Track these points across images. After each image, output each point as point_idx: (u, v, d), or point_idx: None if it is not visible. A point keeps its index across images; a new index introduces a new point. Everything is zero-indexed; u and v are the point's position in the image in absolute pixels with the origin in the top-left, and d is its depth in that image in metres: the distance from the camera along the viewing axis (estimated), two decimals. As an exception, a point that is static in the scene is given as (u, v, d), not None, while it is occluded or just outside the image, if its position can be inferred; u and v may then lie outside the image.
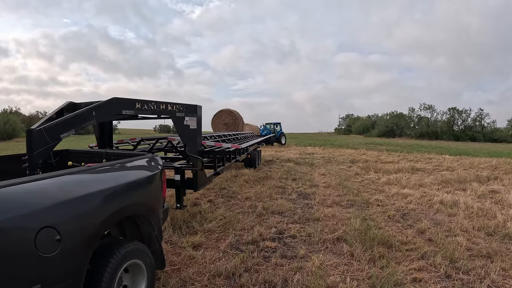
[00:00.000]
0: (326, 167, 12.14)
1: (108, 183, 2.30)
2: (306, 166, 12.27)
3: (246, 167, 10.51)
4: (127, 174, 2.64)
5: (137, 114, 3.78)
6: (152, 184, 2.83)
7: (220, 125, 14.93)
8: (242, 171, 9.91)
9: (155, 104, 3.83)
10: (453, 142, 51.54)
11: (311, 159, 14.69)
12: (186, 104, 4.24)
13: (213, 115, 15.06)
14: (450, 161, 16.43)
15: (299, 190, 7.66)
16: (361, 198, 7.07)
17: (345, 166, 12.93)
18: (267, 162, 13.31)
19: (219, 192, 7.12)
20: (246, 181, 8.43)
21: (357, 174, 10.81)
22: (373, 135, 63.10)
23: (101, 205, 2.12)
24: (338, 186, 8.32)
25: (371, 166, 12.58)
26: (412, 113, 66.29)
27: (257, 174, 9.60)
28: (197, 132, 4.37)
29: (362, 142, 37.42)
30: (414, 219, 5.65)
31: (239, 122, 14.88)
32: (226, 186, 7.77)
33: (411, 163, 14.69)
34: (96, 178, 2.33)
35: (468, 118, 63.22)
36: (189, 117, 4.21)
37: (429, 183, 9.42)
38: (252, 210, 5.69)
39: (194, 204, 6.07)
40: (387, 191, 8.06)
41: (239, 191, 7.25)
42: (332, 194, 7.42)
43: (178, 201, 4.57)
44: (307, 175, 9.93)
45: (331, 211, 5.90)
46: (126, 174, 2.62)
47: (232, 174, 9.37)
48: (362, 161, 14.85)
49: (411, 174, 11.26)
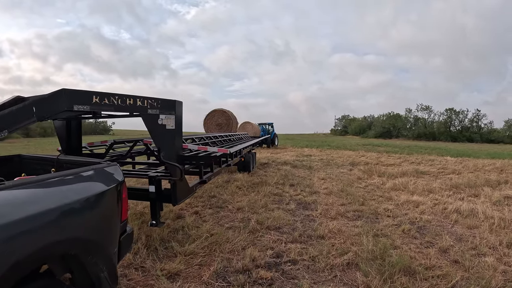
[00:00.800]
0: (325, 171, 11.36)
1: (21, 211, 1.48)
2: (304, 170, 11.47)
3: (240, 171, 9.69)
4: (59, 193, 1.81)
5: (95, 111, 2.94)
6: (98, 208, 2.01)
7: (212, 125, 14.09)
8: (235, 175, 9.09)
9: (119, 99, 3.00)
10: (451, 143, 51.17)
11: (309, 162, 13.91)
12: (162, 99, 3.42)
13: (205, 115, 14.23)
14: (453, 163, 15.82)
15: (298, 198, 6.85)
16: (368, 208, 6.29)
17: (346, 169, 12.16)
18: (263, 165, 12.50)
19: (208, 201, 6.29)
20: (239, 188, 7.60)
21: (360, 178, 10.03)
22: (370, 136, 62.56)
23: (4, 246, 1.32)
24: (341, 193, 7.52)
25: (373, 170, 11.83)
26: (409, 114, 65.88)
27: (251, 179, 8.78)
28: (175, 134, 3.55)
29: (360, 143, 36.76)
30: (432, 234, 4.89)
31: (232, 123, 14.05)
32: (217, 193, 6.94)
33: (414, 166, 14.02)
34: (7, 202, 1.50)
35: (465, 119, 62.97)
36: (165, 115, 3.39)
37: (438, 189, 8.71)
38: (244, 225, 4.86)
39: (178, 216, 5.24)
40: (395, 198, 7.29)
41: (230, 200, 6.42)
42: (335, 202, 6.62)
43: (154, 217, 3.74)
44: (306, 180, 9.13)
45: (336, 225, 5.10)
46: (57, 194, 1.79)
47: (224, 179, 8.54)
48: (362, 164, 14.12)
49: (417, 178, 10.53)
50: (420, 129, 61.24)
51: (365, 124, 72.02)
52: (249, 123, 21.90)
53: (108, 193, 2.12)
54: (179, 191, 3.72)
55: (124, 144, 5.55)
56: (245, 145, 7.26)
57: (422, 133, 59.73)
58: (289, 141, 35.43)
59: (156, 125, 3.32)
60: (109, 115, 3.29)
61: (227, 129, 14.05)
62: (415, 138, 57.75)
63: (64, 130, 4.52)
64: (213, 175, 5.22)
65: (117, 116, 3.33)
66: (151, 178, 3.64)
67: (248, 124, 21.80)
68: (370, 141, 47.08)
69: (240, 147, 6.29)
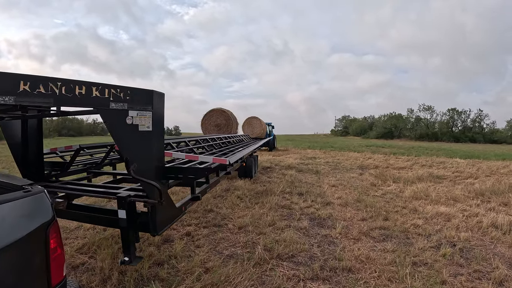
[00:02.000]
0: (334, 176, 10.32)
1: None
2: (311, 175, 10.43)
3: (241, 178, 8.65)
4: None
5: (26, 105, 1.90)
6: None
7: (210, 126, 13.01)
8: (236, 183, 8.05)
9: (63, 86, 1.97)
10: (454, 143, 50.31)
11: (314, 165, 12.87)
12: (133, 88, 2.38)
13: (203, 115, 13.16)
14: (465, 165, 14.90)
15: (310, 212, 5.81)
16: (394, 224, 5.28)
17: (356, 173, 11.13)
18: (265, 169, 11.46)
19: (203, 217, 5.24)
20: (241, 198, 6.56)
21: (374, 184, 9.01)
22: (371, 137, 61.57)
23: None
24: (358, 204, 6.50)
25: (386, 174, 10.83)
26: (411, 114, 64.90)
27: (254, 187, 7.74)
28: (153, 138, 2.51)
29: (362, 144, 35.73)
30: (478, 259, 3.98)
31: (232, 123, 12.97)
32: (214, 206, 5.90)
33: (426, 169, 13.05)
34: None
35: (468, 119, 62.05)
36: (136, 111, 2.36)
37: (462, 197, 7.76)
38: (248, 253, 3.82)
39: (164, 239, 4.19)
40: (420, 210, 6.29)
41: (230, 215, 5.38)
42: (354, 217, 5.59)
43: (126, 251, 2.71)
44: (315, 188, 8.10)
45: (362, 249, 4.07)
46: None
47: (223, 188, 7.49)
48: (372, 167, 13.11)
49: (435, 184, 9.57)
50: (422, 129, 60.23)
51: (366, 125, 71.02)
52: (256, 118, 18.60)
53: (16, 247, 1.11)
54: (160, 217, 2.68)
55: (84, 150, 4.48)
56: (248, 151, 6.20)
57: (425, 133, 58.78)
58: (290, 142, 34.38)
59: (123, 126, 2.29)
60: (58, 112, 2.24)
61: (227, 130, 12.98)
62: (417, 139, 56.81)
63: (15, 133, 3.50)
64: (209, 188, 4.19)
65: (57, 114, 2.30)
66: (121, 199, 2.60)
67: (256, 120, 18.52)
68: (372, 142, 46.07)
69: (242, 154, 5.20)
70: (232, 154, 5.50)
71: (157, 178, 2.61)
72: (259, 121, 18.61)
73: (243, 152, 5.41)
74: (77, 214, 3.23)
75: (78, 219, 3.32)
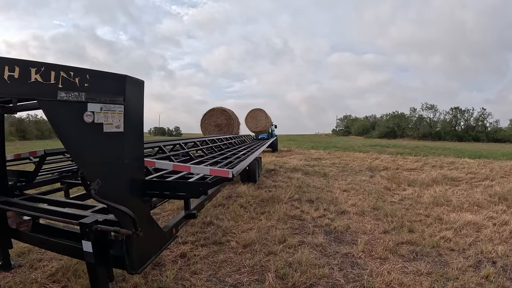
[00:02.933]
0: (344, 179, 9.60)
1: None
2: (318, 177, 9.71)
3: (244, 182, 7.93)
4: None
5: None
6: None
7: (211, 126, 12.26)
8: (238, 188, 7.33)
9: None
10: (457, 142, 49.55)
11: (321, 167, 12.14)
12: (95, 71, 1.67)
13: (203, 115, 12.43)
14: (476, 166, 14.20)
15: (324, 223, 5.08)
16: (422, 237, 4.58)
17: (366, 176, 10.41)
18: (269, 172, 10.73)
19: (202, 232, 4.52)
20: (244, 207, 5.85)
21: (388, 188, 8.29)
22: (374, 136, 60.78)
23: None
24: (376, 212, 5.79)
25: (398, 177, 10.11)
26: (413, 113, 64.05)
27: (258, 193, 7.01)
28: (124, 143, 1.80)
29: (366, 144, 34.98)
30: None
31: (234, 123, 12.23)
32: (214, 217, 5.18)
33: (438, 171, 12.34)
34: None
35: (471, 118, 61.19)
36: (100, 104, 1.64)
37: (485, 202, 7.11)
38: (257, 282, 3.10)
39: (154, 264, 3.47)
40: (446, 219, 5.59)
41: (233, 229, 4.66)
42: (375, 229, 4.88)
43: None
44: (326, 193, 7.37)
45: (392, 272, 3.37)
46: None
47: (224, 195, 6.77)
48: (381, 169, 12.38)
49: (452, 187, 8.87)
50: (425, 128, 59.40)
51: (368, 124, 70.23)
52: (261, 111, 16.69)
53: None
54: (140, 249, 1.97)
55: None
56: (254, 155, 5.44)
57: (428, 132, 57.99)
58: (292, 142, 33.63)
59: (78, 126, 1.57)
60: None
61: (228, 130, 12.25)
62: (420, 138, 56.01)
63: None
64: (207, 200, 3.48)
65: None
66: (84, 227, 1.88)
67: (260, 112, 16.61)
68: (376, 141, 45.28)
69: (249, 162, 4.42)
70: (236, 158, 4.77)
71: (131, 198, 1.89)
72: (264, 113, 16.81)
73: (249, 158, 4.66)
74: (42, 238, 2.53)
75: (41, 245, 2.61)
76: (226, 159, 4.63)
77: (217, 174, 2.45)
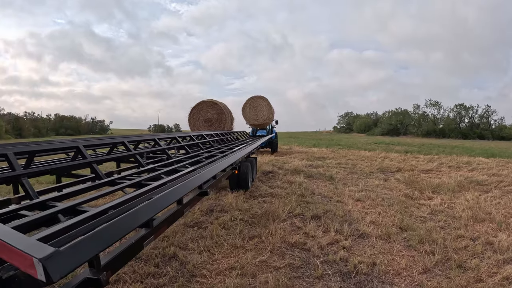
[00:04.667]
0: (354, 183, 8.08)
1: None
2: (324, 182, 8.18)
3: (233, 189, 6.41)
4: None
5: None
6: None
7: (199, 122, 10.69)
8: (225, 198, 5.80)
9: None
10: (462, 140, 48.05)
11: (326, 168, 10.60)
12: None
13: (191, 108, 10.88)
14: (495, 166, 12.73)
15: (339, 256, 3.54)
16: (479, 278, 3.13)
17: (379, 179, 8.89)
18: (266, 174, 9.20)
19: (157, 274, 3.01)
20: (227, 228, 4.32)
21: (409, 197, 6.79)
22: (376, 134, 59.20)
23: None
24: (406, 235, 4.28)
25: (416, 181, 8.62)
26: (417, 110, 62.32)
27: (249, 205, 5.48)
28: None
29: (369, 141, 33.45)
30: None
31: (226, 118, 10.66)
32: (181, 246, 3.65)
33: (457, 172, 10.94)
34: None
35: (475, 115, 59.51)
36: None
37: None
38: None
39: None
40: (496, 243, 4.18)
41: (205, 267, 3.15)
42: (412, 266, 3.37)
43: None
44: (335, 203, 5.86)
45: None
46: None
47: (204, 208, 5.24)
48: (394, 170, 10.87)
49: (483, 194, 7.42)
50: (429, 126, 57.74)
51: (370, 122, 68.60)
52: (262, 99, 13.60)
53: None
54: None
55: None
56: (224, 165, 3.84)
57: (432, 130, 56.33)
58: (293, 139, 32.07)
59: None
60: None
61: (219, 126, 10.70)
62: (424, 135, 54.42)
63: None
64: (164, 224, 2.00)
65: None
66: None
67: (261, 101, 13.56)
68: (379, 139, 43.71)
69: (213, 172, 2.83)
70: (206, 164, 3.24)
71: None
72: (266, 102, 13.78)
73: (213, 168, 3.11)
74: None
75: None
76: (190, 165, 3.11)
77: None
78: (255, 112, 13.62)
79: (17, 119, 51.25)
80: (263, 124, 14.37)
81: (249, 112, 13.60)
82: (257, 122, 13.48)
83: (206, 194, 2.82)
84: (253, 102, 13.67)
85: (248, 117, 13.66)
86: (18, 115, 55.65)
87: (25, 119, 54.63)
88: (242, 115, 13.66)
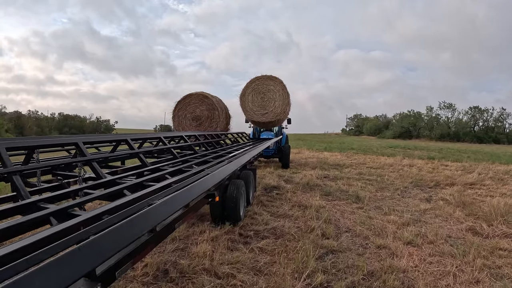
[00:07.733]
0: (392, 207, 5.77)
1: None
2: (350, 205, 5.90)
3: (216, 223, 4.19)
4: None
5: None
6: None
7: (186, 120, 8.47)
8: (197, 242, 3.60)
9: None
10: (478, 144, 45.32)
11: (346, 181, 8.29)
12: None
13: (175, 104, 8.70)
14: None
15: None
16: None
17: (420, 199, 6.61)
18: (268, 191, 6.95)
19: None
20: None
21: (477, 233, 4.53)
22: (388, 137, 56.46)
23: None
24: None
25: (472, 202, 6.34)
26: (430, 112, 59.35)
27: (234, 260, 3.25)
28: None
29: (382, 144, 30.97)
30: None
31: (219, 116, 8.42)
32: None
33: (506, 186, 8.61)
34: None
35: (490, 118, 56.47)
36: None
37: None
38: None
39: None
40: None
41: None
42: None
43: None
44: (376, 253, 3.60)
45: None
46: None
47: (152, 264, 3.04)
48: (433, 184, 8.53)
49: None
50: (443, 129, 54.84)
51: (381, 124, 65.80)
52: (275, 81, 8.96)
53: None
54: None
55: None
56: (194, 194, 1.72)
57: (446, 133, 53.47)
58: (301, 142, 29.69)
59: None
60: None
61: (210, 126, 8.49)
62: (438, 139, 51.60)
63: None
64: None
65: None
66: None
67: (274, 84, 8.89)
68: (391, 142, 41.08)
69: None
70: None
71: None
72: (280, 86, 8.63)
73: None
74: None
75: None
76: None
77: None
78: (261, 102, 8.70)
79: (19, 118, 49.72)
80: (273, 123, 9.35)
81: (252, 103, 8.75)
82: (265, 118, 8.81)
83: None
84: (257, 86, 8.66)
85: (249, 110, 8.87)
86: (21, 113, 54.25)
87: (28, 117, 53.15)
88: (240, 106, 9.22)
